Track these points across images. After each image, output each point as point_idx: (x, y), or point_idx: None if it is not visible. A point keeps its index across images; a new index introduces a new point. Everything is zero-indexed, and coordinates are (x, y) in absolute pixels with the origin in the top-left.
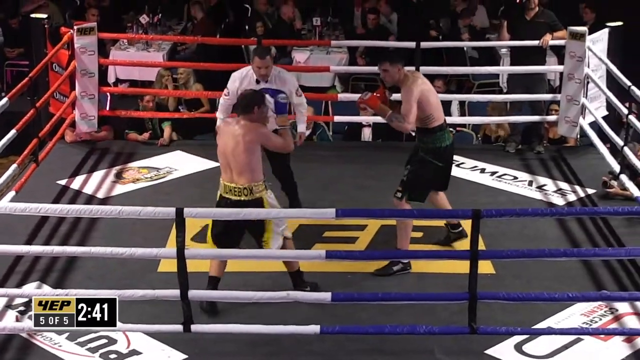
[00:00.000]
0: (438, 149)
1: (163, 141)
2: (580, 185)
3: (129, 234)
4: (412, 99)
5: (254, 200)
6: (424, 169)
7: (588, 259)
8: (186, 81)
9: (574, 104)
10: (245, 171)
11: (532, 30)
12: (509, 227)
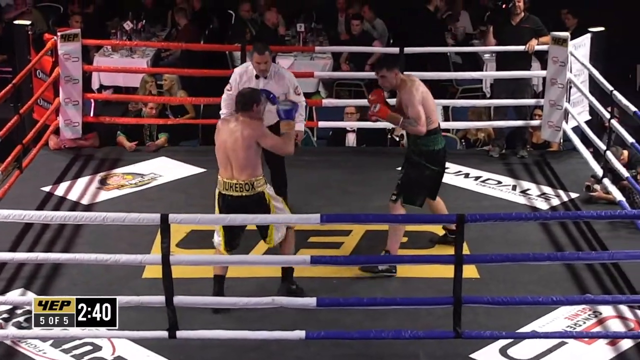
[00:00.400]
0: (432, 152)
1: (153, 146)
2: (563, 190)
3: (114, 240)
4: (417, 102)
5: (255, 195)
6: (418, 172)
7: (572, 262)
8: (170, 87)
9: (557, 108)
10: (246, 167)
11: (518, 36)
12: (493, 231)
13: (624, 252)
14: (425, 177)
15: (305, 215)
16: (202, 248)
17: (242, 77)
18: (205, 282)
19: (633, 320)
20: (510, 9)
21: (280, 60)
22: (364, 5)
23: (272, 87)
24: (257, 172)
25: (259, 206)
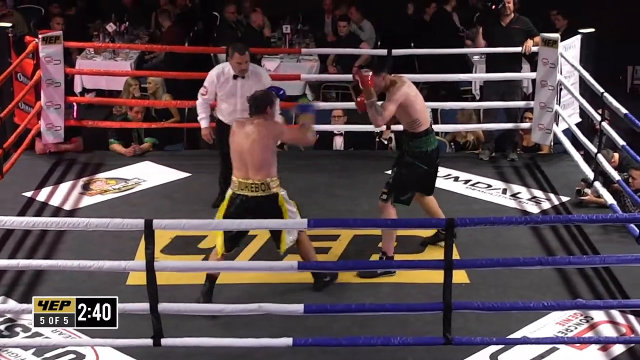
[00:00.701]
0: (424, 153)
1: (137, 150)
2: (554, 193)
3: (97, 246)
4: (394, 99)
5: (270, 196)
6: (410, 172)
7: (563, 267)
8: (155, 91)
9: (547, 111)
10: (263, 167)
11: (508, 37)
12: (483, 235)
13: (616, 256)
14: (417, 178)
15: (292, 220)
16: (187, 254)
17: (220, 79)
18: (190, 288)
19: (625, 325)
20: (500, 9)
21: (266, 63)
22: (351, 7)
23: (250, 86)
24: (273, 173)
25: (273, 207)
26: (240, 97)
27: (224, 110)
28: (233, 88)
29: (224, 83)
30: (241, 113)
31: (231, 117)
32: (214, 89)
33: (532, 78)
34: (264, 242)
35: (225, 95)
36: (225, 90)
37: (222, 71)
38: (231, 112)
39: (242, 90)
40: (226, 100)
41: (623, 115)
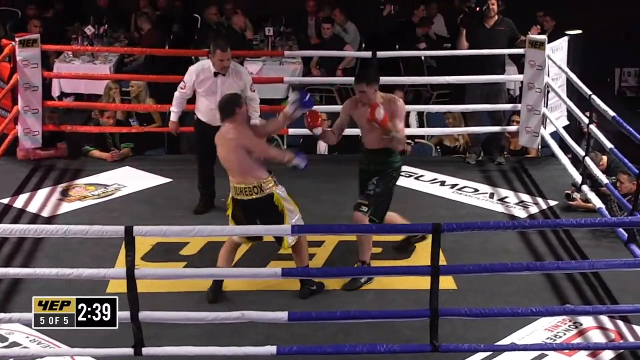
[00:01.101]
0: (399, 168)
1: (116, 156)
2: (542, 197)
3: (76, 254)
4: (402, 116)
5: (265, 197)
6: (389, 187)
7: (551, 272)
8: (138, 94)
9: (535, 113)
10: (248, 172)
11: (492, 39)
12: (470, 241)
13: (604, 261)
14: (391, 192)
15: (275, 226)
16: (169, 261)
17: (199, 75)
18: (172, 296)
19: (614, 330)
20: (484, 11)
21: (249, 66)
22: (335, 9)
23: (231, 84)
24: (262, 175)
25: (271, 207)
26: (220, 95)
27: (203, 108)
28: (213, 85)
29: (204, 80)
30: None
31: (210, 115)
32: (193, 85)
33: (519, 80)
34: (247, 249)
35: (205, 92)
36: (205, 87)
37: (202, 68)
38: (211, 109)
39: (223, 87)
40: (206, 97)
41: (611, 117)
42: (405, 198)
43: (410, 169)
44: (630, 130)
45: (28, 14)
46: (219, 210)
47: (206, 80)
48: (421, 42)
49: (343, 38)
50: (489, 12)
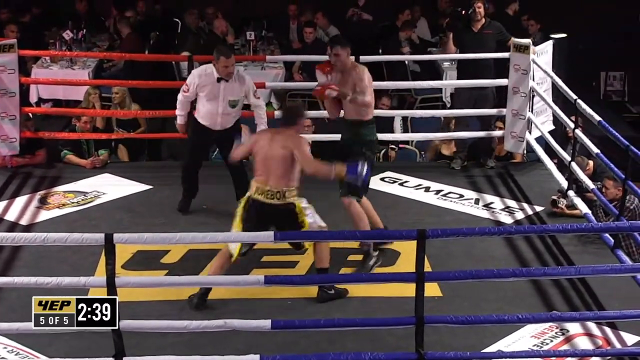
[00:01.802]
0: (372, 142)
1: (97, 162)
2: (528, 203)
3: (55, 262)
4: (367, 80)
5: (285, 205)
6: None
7: (537, 278)
8: (121, 101)
9: (520, 118)
10: (283, 176)
11: (480, 43)
12: (455, 247)
13: (591, 266)
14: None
15: (257, 232)
16: (149, 269)
17: (202, 79)
18: (152, 305)
19: (601, 337)
20: (471, 15)
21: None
22: (317, 12)
23: (234, 89)
24: (292, 183)
25: (287, 217)
26: (222, 100)
27: (204, 111)
28: (216, 90)
29: (207, 84)
30: (222, 116)
31: (211, 119)
32: (195, 89)
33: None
34: None
35: (207, 97)
36: (207, 92)
37: (205, 72)
38: (212, 114)
39: (225, 93)
40: (207, 102)
41: (597, 122)
42: (390, 204)
43: (394, 174)
44: (616, 135)
45: (1, 19)
46: (200, 217)
47: (209, 84)
48: (405, 47)
49: (325, 42)
50: (475, 15)
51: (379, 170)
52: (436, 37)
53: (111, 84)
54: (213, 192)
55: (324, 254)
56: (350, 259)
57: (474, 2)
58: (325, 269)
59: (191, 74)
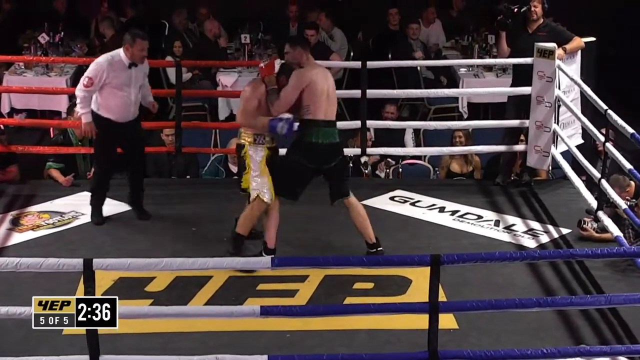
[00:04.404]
0: (302, 144)
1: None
2: (553, 225)
3: (29, 290)
4: (292, 87)
5: (240, 145)
6: (287, 162)
7: (564, 308)
8: None
9: (545, 131)
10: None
11: (533, 46)
12: (473, 274)
13: (623, 295)
14: (296, 169)
15: (253, 258)
16: (132, 298)
17: (113, 68)
18: (135, 338)
19: None
20: (525, 13)
21: (222, 77)
22: (321, 13)
23: (141, 72)
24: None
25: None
26: (134, 87)
27: (115, 104)
28: (127, 77)
29: (118, 72)
30: (135, 105)
31: (124, 109)
32: (102, 81)
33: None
34: (221, 283)
35: (120, 86)
36: (119, 81)
37: (112, 60)
38: (127, 103)
39: (136, 79)
40: (120, 91)
41: (630, 135)
42: (400, 226)
43: (405, 193)
44: None
45: None
46: (189, 241)
47: (120, 72)
48: (417, 51)
49: (329, 46)
50: (531, 15)
51: (387, 189)
52: (451, 41)
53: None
54: (202, 212)
55: (246, 222)
56: (357, 287)
57: (532, 0)
58: (240, 235)
59: (96, 65)
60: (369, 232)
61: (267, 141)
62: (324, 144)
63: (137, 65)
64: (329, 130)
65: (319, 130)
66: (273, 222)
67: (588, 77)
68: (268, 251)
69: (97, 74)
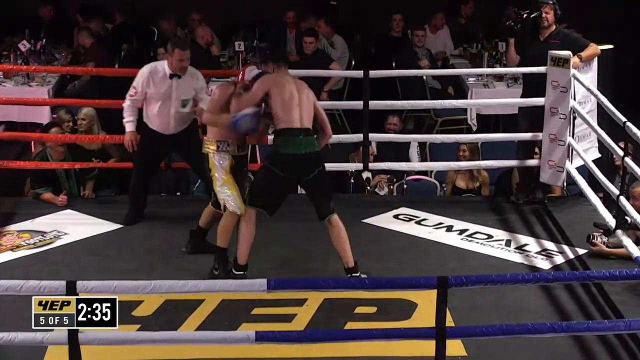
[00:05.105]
0: (277, 154)
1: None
2: (568, 245)
3: (8, 314)
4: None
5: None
6: (261, 173)
7: (580, 334)
8: (88, 128)
9: (559, 144)
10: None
11: (544, 54)
12: (482, 297)
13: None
14: (269, 181)
15: (247, 280)
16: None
17: (153, 78)
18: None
19: None
20: (536, 19)
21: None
22: (320, 19)
23: (187, 86)
24: (210, 135)
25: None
26: (175, 100)
27: (154, 114)
28: (169, 88)
29: (159, 83)
30: (174, 117)
31: (162, 121)
32: (145, 90)
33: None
34: (214, 307)
35: (158, 97)
36: (159, 91)
37: (155, 69)
38: (164, 115)
39: (178, 91)
40: (159, 102)
41: None
42: (405, 246)
43: (410, 211)
44: None
45: None
46: (178, 262)
47: (161, 83)
48: (423, 60)
49: (329, 54)
50: (542, 21)
51: (391, 207)
52: (459, 49)
53: (75, 104)
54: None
55: (222, 233)
56: (358, 311)
57: (542, 5)
58: (221, 249)
59: (140, 74)
60: (347, 255)
61: (231, 149)
62: (300, 154)
63: (179, 77)
64: (304, 140)
65: (295, 140)
66: (245, 236)
67: (605, 87)
68: (238, 267)
69: (139, 83)
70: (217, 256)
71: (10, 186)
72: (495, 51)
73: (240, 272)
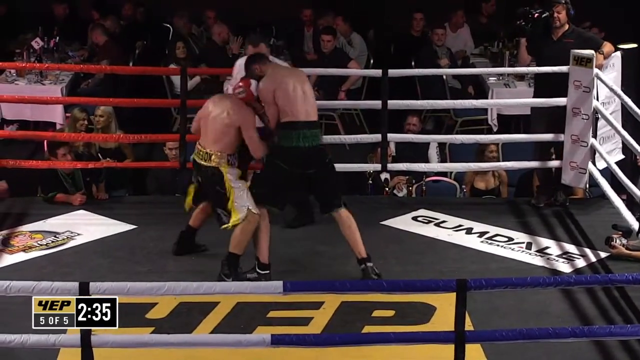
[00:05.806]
0: (281, 148)
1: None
2: (590, 248)
3: (19, 316)
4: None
5: (211, 168)
6: (267, 168)
7: (602, 339)
8: (106, 126)
9: (581, 145)
10: (217, 141)
11: (558, 54)
12: (502, 301)
13: None
14: (276, 176)
15: (263, 283)
16: (132, 326)
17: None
18: None
19: None
20: (547, 19)
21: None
22: (337, 17)
23: None
24: (223, 149)
25: (212, 180)
26: None
27: None
28: None
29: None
30: None
31: None
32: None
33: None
34: (229, 310)
35: None
36: None
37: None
38: None
39: None
40: None
41: None
42: (424, 249)
43: (429, 213)
44: None
45: None
46: (192, 264)
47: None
48: (442, 58)
49: (347, 53)
50: (553, 21)
51: (410, 208)
52: (480, 47)
53: (89, 102)
54: (208, 232)
55: (242, 238)
56: (376, 314)
57: (554, 5)
58: (235, 255)
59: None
60: (359, 246)
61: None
62: (305, 147)
63: None
64: (310, 132)
65: (299, 133)
66: (264, 235)
67: (629, 88)
68: (263, 267)
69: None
70: (228, 262)
71: (23, 186)
72: (517, 50)
73: (267, 272)
